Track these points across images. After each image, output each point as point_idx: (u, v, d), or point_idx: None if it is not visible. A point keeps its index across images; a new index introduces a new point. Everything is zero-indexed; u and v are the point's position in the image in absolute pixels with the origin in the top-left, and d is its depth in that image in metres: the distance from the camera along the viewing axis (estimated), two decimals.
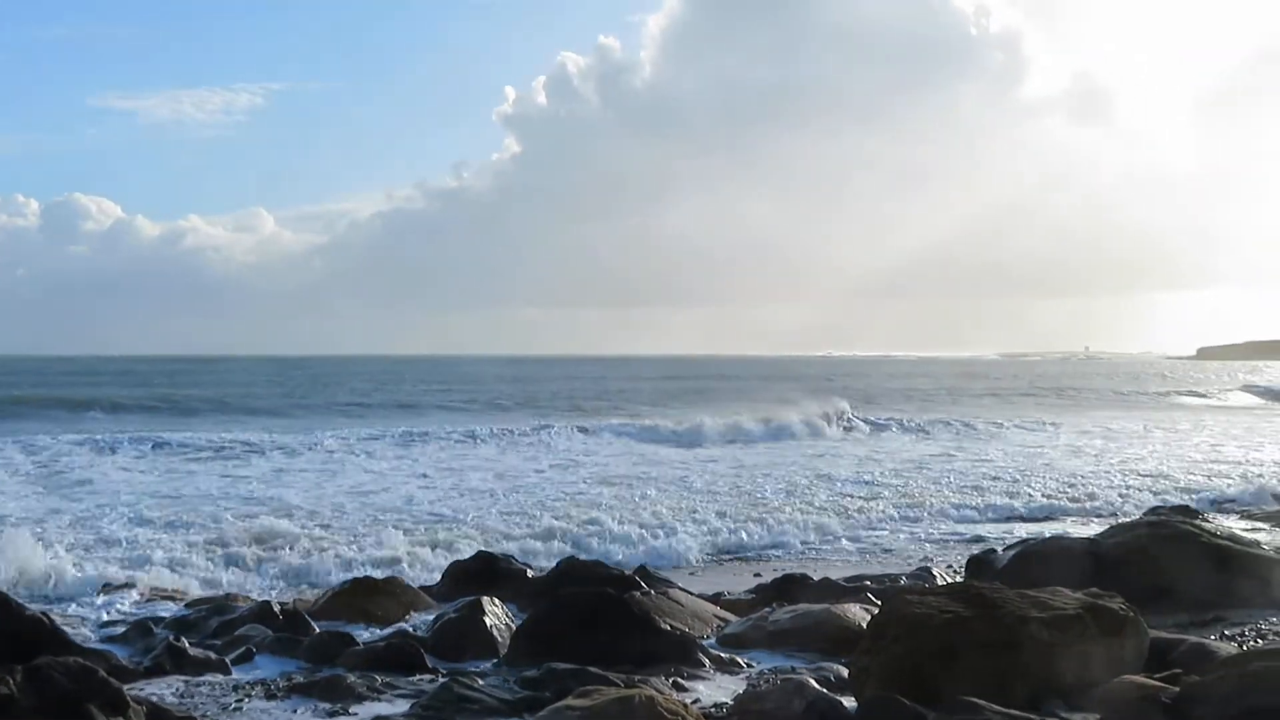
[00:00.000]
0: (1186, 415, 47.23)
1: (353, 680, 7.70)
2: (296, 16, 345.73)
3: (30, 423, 35.00)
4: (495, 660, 8.52)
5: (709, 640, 9.13)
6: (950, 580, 11.42)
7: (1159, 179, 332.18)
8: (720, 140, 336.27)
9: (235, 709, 7.35)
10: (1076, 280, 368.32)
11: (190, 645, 8.51)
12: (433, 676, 8.00)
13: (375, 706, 7.35)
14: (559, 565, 11.53)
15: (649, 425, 33.34)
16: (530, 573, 11.47)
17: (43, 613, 8.55)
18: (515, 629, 8.92)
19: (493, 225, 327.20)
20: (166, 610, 10.57)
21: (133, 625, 9.71)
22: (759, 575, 12.82)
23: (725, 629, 9.53)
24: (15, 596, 8.94)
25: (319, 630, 9.23)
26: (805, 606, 9.57)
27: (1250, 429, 37.95)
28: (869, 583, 11.52)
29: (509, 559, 11.91)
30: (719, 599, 10.91)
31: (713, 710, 7.07)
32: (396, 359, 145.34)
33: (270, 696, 7.57)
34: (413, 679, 7.92)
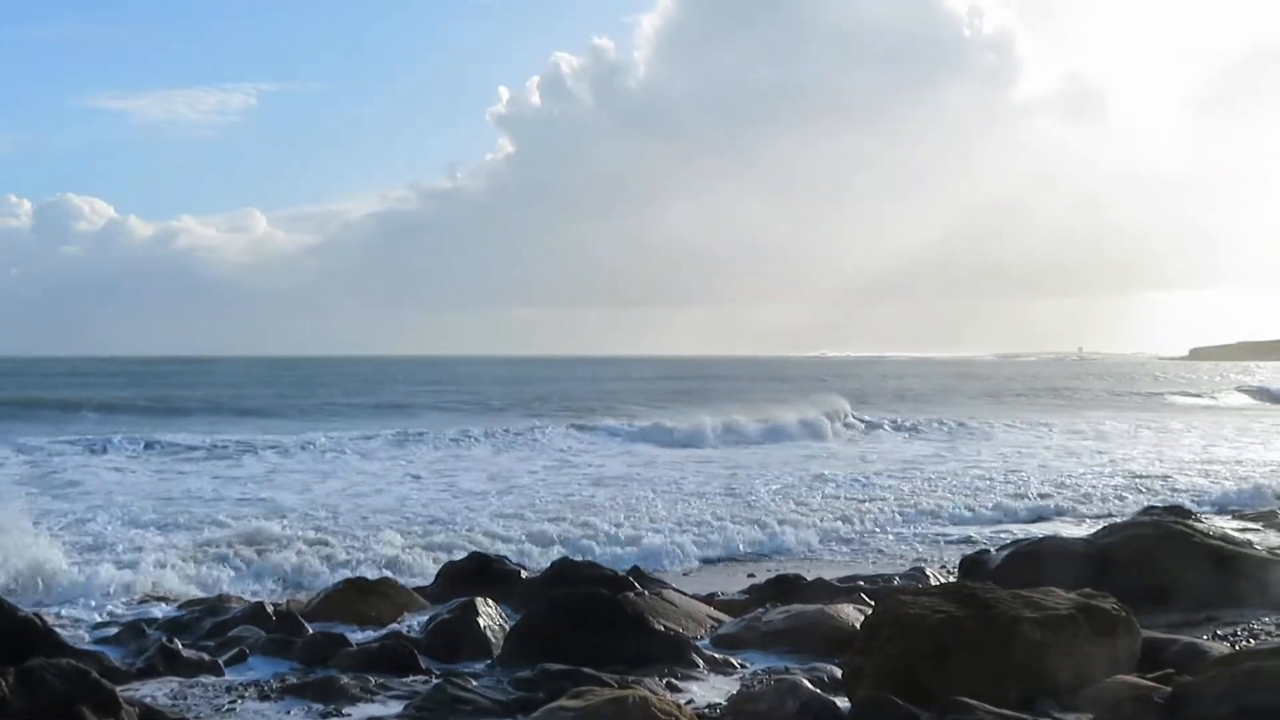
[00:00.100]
0: (1179, 415, 47.32)
1: (346, 681, 7.70)
2: (290, 17, 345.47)
3: (22, 423, 34.85)
4: (489, 661, 8.52)
5: (703, 641, 9.14)
6: (944, 580, 11.45)
7: (1152, 180, 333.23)
8: (714, 141, 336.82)
9: (228, 710, 7.34)
10: (1070, 281, 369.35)
11: (183, 647, 8.50)
12: (426, 677, 8.00)
13: (369, 708, 7.36)
14: (552, 566, 11.53)
15: (643, 426, 33.32)
16: (524, 574, 11.47)
17: (35, 614, 8.53)
18: (509, 630, 8.92)
19: (487, 226, 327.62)
20: (159, 611, 10.56)
21: (125, 627, 9.71)
22: (752, 576, 12.83)
23: (719, 629, 9.54)
24: (7, 598, 8.91)
25: (312, 631, 9.22)
26: (799, 607, 9.59)
27: (1242, 429, 38.03)
28: (862, 583, 11.54)
29: (502, 560, 11.91)
30: (712, 599, 10.91)
31: (706, 711, 7.07)
32: (390, 359, 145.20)
33: (263, 698, 7.57)
34: (406, 680, 7.92)
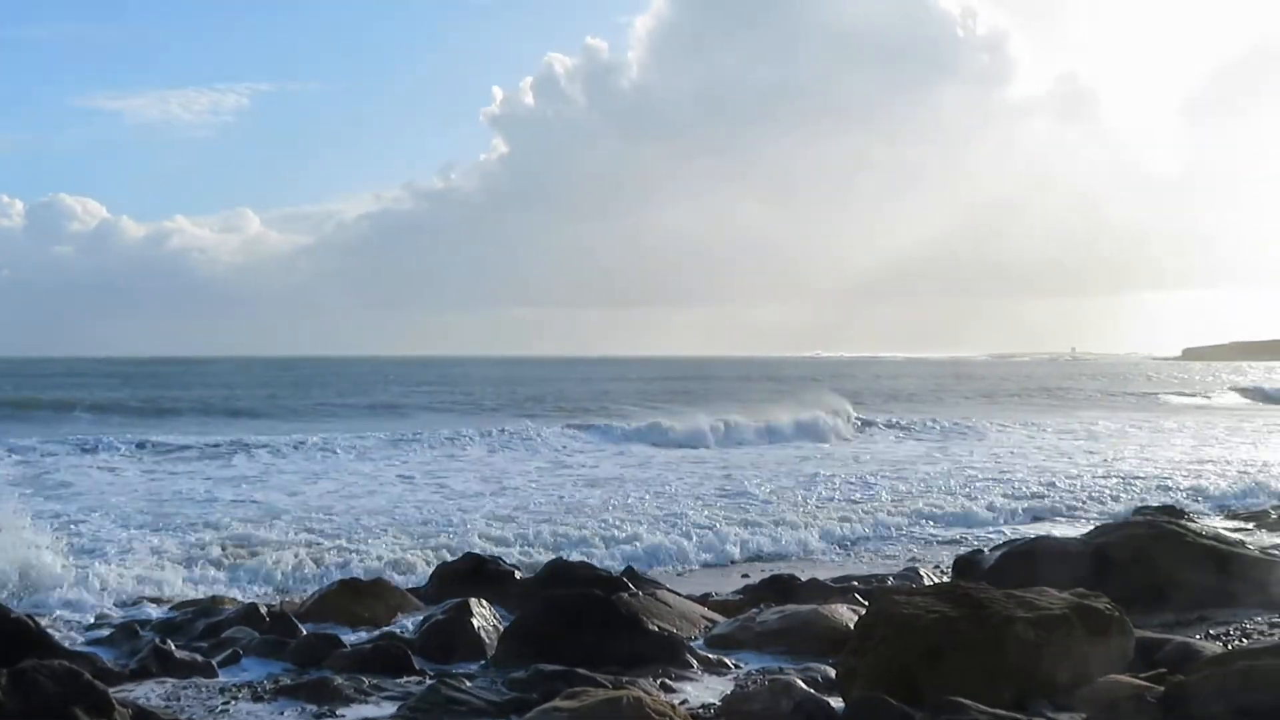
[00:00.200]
0: (1172, 415, 47.45)
1: (340, 682, 7.68)
2: (283, 18, 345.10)
3: (15, 424, 34.81)
4: (483, 662, 8.51)
5: (697, 641, 9.13)
6: (937, 580, 11.46)
7: (1146, 180, 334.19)
8: (708, 141, 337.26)
9: (222, 711, 7.33)
10: (1064, 281, 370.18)
11: (176, 648, 8.47)
12: (420, 678, 7.98)
13: (362, 709, 7.34)
14: (547, 567, 11.52)
15: (638, 426, 33.31)
16: (518, 574, 11.45)
17: (27, 615, 8.51)
18: (503, 631, 8.91)
19: (481, 226, 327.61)
20: (152, 613, 10.55)
21: (118, 628, 9.68)
22: (747, 576, 12.83)
23: (713, 630, 9.53)
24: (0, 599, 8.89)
25: (306, 632, 9.21)
26: (793, 607, 9.59)
27: (1234, 429, 38.14)
28: (856, 583, 11.55)
29: (496, 560, 11.89)
30: (707, 600, 10.91)
31: (700, 711, 7.07)
32: (384, 360, 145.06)
33: (257, 699, 7.56)
34: (400, 681, 7.91)
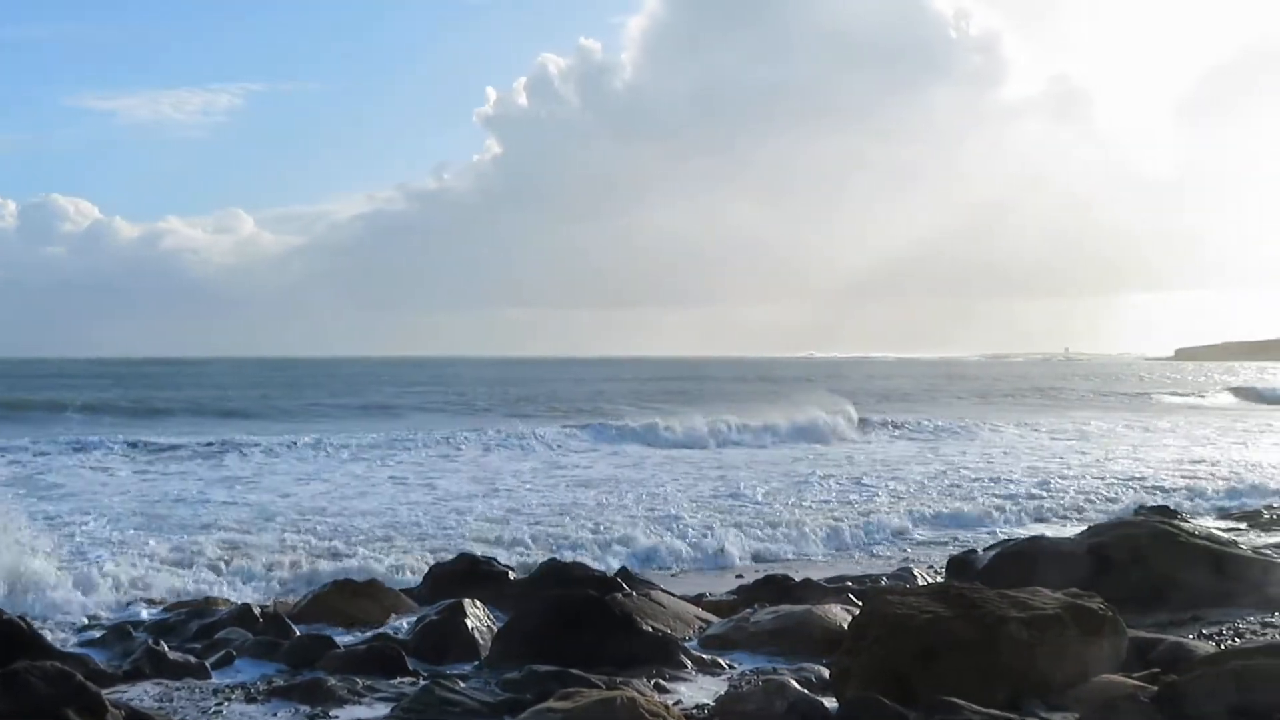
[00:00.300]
0: (1164, 416, 47.53)
1: (333, 683, 7.68)
2: (276, 18, 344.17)
3: (7, 424, 34.65)
4: (477, 662, 8.51)
5: (691, 642, 9.14)
6: (931, 581, 11.48)
7: (1139, 181, 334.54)
8: (702, 142, 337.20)
9: (215, 713, 7.32)
10: (1057, 281, 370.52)
11: (169, 649, 8.46)
12: (414, 679, 7.98)
13: (356, 710, 7.34)
14: (540, 567, 11.52)
15: (631, 427, 33.27)
16: (512, 575, 11.44)
17: (19, 617, 8.48)
18: (497, 631, 8.91)
19: (474, 226, 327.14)
20: (145, 614, 10.52)
21: (111, 629, 9.66)
22: (741, 576, 12.83)
23: (707, 630, 9.54)
24: None
25: (299, 633, 9.19)
26: (787, 607, 9.59)
27: (1226, 429, 38.22)
28: (850, 583, 11.56)
29: (490, 561, 11.87)
30: (701, 600, 10.91)
31: (694, 711, 7.07)
32: (378, 361, 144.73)
33: (250, 700, 7.55)
34: (394, 682, 7.91)
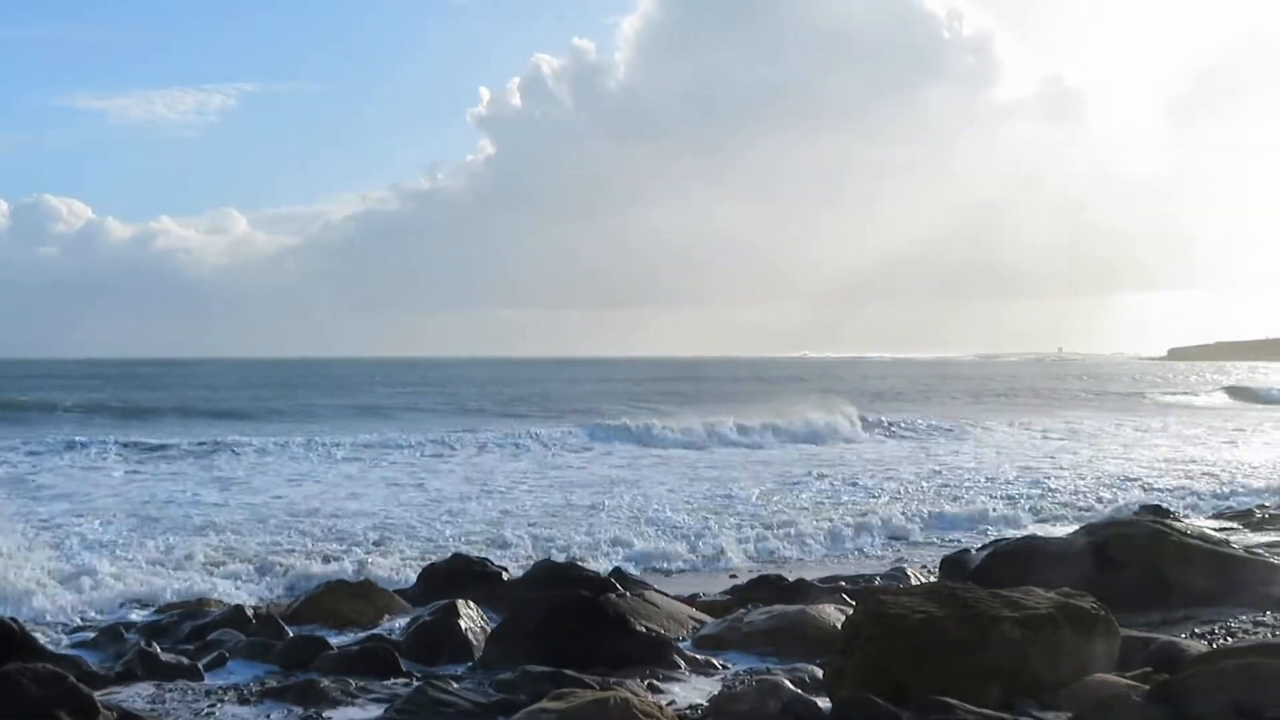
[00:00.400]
0: (1157, 415, 47.64)
1: (326, 684, 7.66)
2: (269, 18, 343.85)
3: None
4: (470, 663, 8.50)
5: (684, 642, 9.14)
6: (924, 580, 11.49)
7: (1132, 181, 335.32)
8: (695, 142, 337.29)
9: (208, 714, 7.30)
10: (1050, 282, 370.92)
11: (162, 650, 8.44)
12: (407, 680, 7.97)
13: (349, 711, 7.32)
14: (534, 568, 11.51)
15: (625, 427, 33.30)
16: (505, 575, 11.44)
17: (11, 618, 8.45)
18: (490, 632, 8.90)
19: (468, 227, 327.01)
20: (137, 615, 10.50)
21: (103, 631, 9.64)
22: (734, 576, 12.84)
23: (701, 630, 9.54)
24: None
25: (292, 634, 9.18)
26: (780, 608, 9.60)
27: (1219, 429, 38.32)
28: (844, 583, 11.57)
29: (484, 561, 11.87)
30: (694, 600, 10.91)
31: (688, 712, 7.07)
32: (371, 361, 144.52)
33: (243, 701, 7.53)
34: (387, 683, 7.89)
